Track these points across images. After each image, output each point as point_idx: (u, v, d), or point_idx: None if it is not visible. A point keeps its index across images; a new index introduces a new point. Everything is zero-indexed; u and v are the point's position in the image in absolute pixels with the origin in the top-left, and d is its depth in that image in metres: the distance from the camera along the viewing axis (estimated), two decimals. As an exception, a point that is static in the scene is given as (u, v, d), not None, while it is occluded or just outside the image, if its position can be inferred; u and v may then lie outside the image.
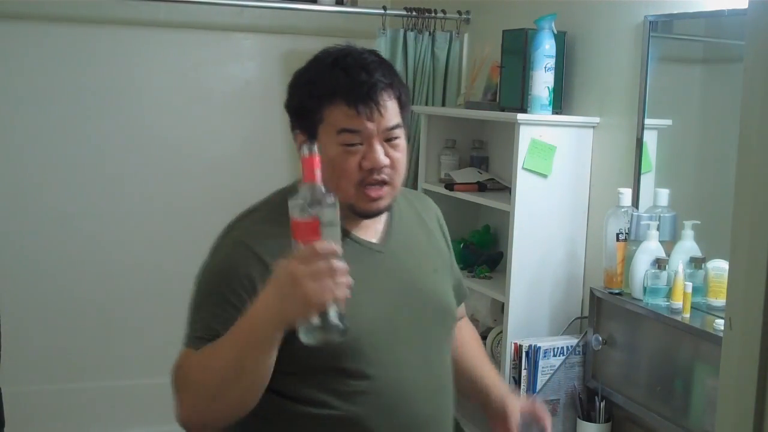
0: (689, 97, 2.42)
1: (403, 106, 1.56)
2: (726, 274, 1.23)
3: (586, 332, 2.45)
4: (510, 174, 2.63)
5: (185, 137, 3.76)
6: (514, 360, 2.48)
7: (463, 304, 1.87)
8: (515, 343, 2.48)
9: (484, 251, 2.98)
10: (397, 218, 1.67)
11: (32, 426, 3.39)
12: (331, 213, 1.32)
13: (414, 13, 3.37)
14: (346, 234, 1.49)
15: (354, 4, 3.96)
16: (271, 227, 1.51)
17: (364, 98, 1.48)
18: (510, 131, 2.59)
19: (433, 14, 3.38)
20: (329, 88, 1.50)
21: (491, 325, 2.88)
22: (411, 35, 3.36)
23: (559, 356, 2.45)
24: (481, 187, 2.94)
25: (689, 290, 2.09)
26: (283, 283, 1.31)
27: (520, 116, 2.54)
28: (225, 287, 1.47)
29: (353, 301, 1.35)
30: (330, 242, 1.30)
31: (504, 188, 2.89)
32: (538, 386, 2.43)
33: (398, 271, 1.62)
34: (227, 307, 1.45)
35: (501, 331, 2.69)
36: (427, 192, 3.12)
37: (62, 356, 3.70)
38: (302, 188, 1.32)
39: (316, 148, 1.33)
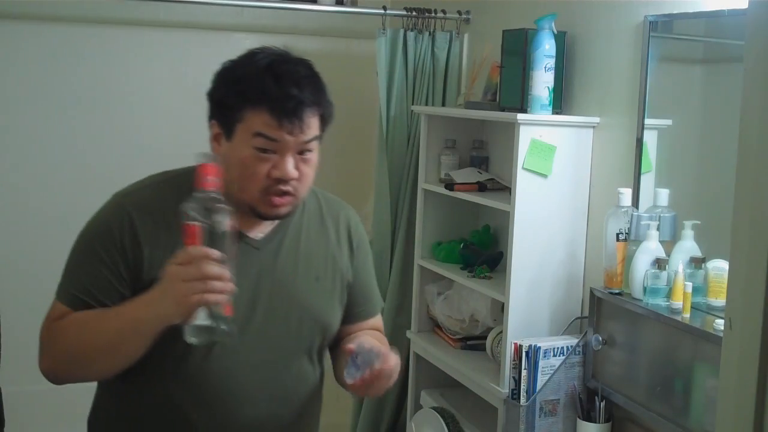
0: (689, 97, 2.42)
1: (324, 122, 1.57)
2: (726, 274, 1.23)
3: (586, 332, 2.45)
4: (510, 174, 2.63)
5: (185, 137, 3.74)
6: (514, 360, 2.47)
7: (377, 318, 1.82)
8: (515, 343, 2.48)
9: (484, 251, 2.98)
10: (293, 219, 1.65)
11: (32, 426, 3.39)
12: (220, 220, 1.39)
13: (414, 13, 3.36)
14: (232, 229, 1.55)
15: (354, 4, 3.96)
16: (159, 200, 1.57)
17: (289, 113, 1.49)
18: (510, 131, 2.59)
19: (433, 14, 3.37)
20: (257, 93, 1.50)
21: (491, 325, 2.88)
22: (411, 35, 3.36)
23: (559, 356, 2.45)
24: (481, 187, 2.94)
25: (689, 290, 2.09)
26: (163, 282, 1.40)
27: (520, 116, 2.54)
28: (99, 248, 1.53)
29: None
30: (210, 247, 1.36)
31: (504, 188, 2.89)
32: (538, 386, 2.43)
33: (271, 271, 1.61)
34: (102, 268, 1.52)
35: (501, 331, 2.68)
36: (427, 192, 3.12)
37: (62, 356, 3.69)
38: (195, 194, 1.39)
39: (213, 157, 1.41)
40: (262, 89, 1.49)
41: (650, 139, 2.40)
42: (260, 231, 1.62)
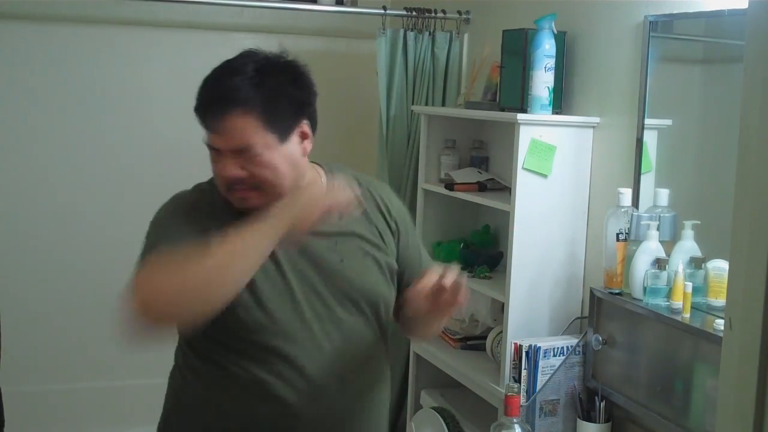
0: (689, 97, 2.42)
1: (268, 122, 1.55)
2: (726, 274, 1.23)
3: (586, 332, 2.45)
4: (510, 174, 2.63)
5: (185, 137, 3.73)
6: (514, 360, 2.47)
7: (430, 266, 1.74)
8: (515, 343, 2.48)
9: (484, 251, 2.98)
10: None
11: (32, 426, 3.39)
12: None
13: (414, 13, 3.36)
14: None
15: (354, 4, 3.96)
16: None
17: (208, 119, 1.57)
18: (510, 131, 2.59)
19: (433, 14, 3.37)
20: (196, 102, 1.60)
21: (491, 325, 2.88)
22: (411, 35, 3.36)
23: (559, 356, 2.45)
24: (481, 187, 2.94)
25: (689, 290, 2.09)
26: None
27: (520, 116, 2.54)
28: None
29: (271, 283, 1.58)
30: None
31: (504, 188, 2.89)
32: (538, 386, 2.43)
33: (317, 257, 1.64)
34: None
35: (501, 331, 2.68)
36: (427, 192, 3.12)
37: (62, 356, 3.69)
38: None
39: None
40: (198, 96, 1.60)
41: (650, 139, 2.40)
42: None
